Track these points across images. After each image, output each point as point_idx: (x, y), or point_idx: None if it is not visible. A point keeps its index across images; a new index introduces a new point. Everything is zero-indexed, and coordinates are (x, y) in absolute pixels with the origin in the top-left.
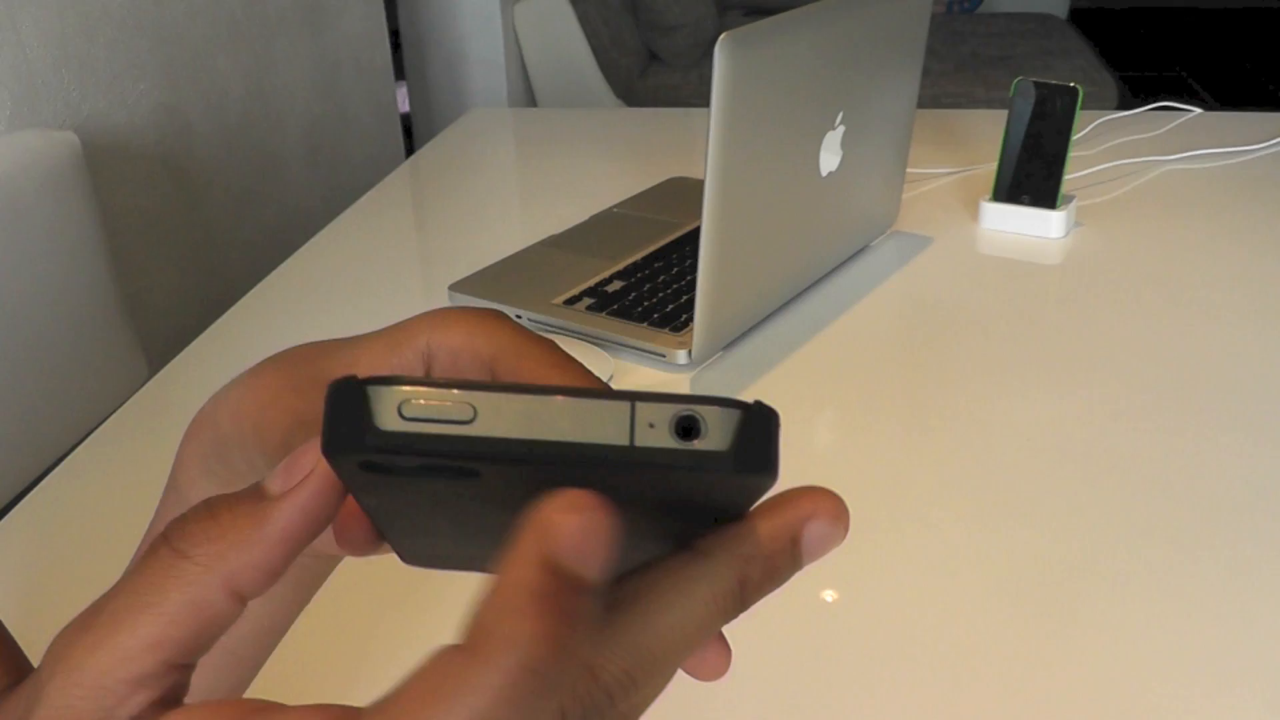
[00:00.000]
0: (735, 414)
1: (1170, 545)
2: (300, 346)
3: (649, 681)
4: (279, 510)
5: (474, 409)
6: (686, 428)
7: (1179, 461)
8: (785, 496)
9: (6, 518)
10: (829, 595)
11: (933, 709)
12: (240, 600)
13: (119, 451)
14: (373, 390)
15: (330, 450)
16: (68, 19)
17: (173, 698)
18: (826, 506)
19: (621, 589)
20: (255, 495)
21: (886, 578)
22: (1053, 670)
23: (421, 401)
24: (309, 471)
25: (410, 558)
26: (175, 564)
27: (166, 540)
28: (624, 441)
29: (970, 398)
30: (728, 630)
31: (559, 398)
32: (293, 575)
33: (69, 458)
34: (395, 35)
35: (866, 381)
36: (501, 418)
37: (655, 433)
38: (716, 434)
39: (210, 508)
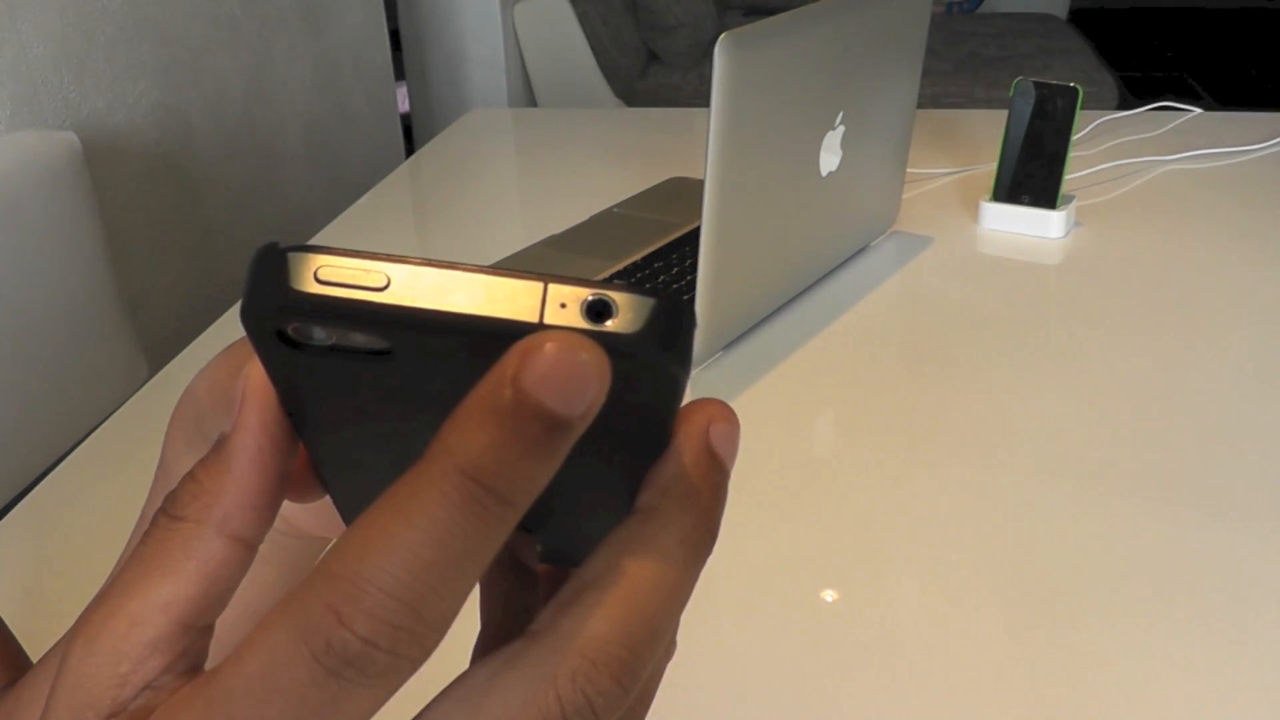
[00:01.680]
0: (649, 301)
1: (1169, 545)
2: None
3: (653, 653)
4: (234, 440)
5: (388, 278)
6: (598, 311)
7: (1178, 461)
8: (680, 420)
9: (6, 518)
10: (829, 595)
11: (933, 709)
12: (244, 544)
13: (119, 451)
14: (292, 256)
15: (246, 313)
16: (68, 19)
17: (190, 664)
18: (715, 410)
19: (590, 569)
20: (217, 443)
21: (886, 578)
22: (1052, 670)
23: (337, 268)
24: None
25: (352, 518)
26: (171, 527)
27: (162, 510)
28: (533, 319)
29: (970, 397)
30: (729, 627)
31: (473, 273)
32: (275, 556)
33: (69, 458)
34: (395, 35)
35: (866, 381)
36: (414, 288)
37: (565, 313)
38: (627, 318)
39: (190, 472)
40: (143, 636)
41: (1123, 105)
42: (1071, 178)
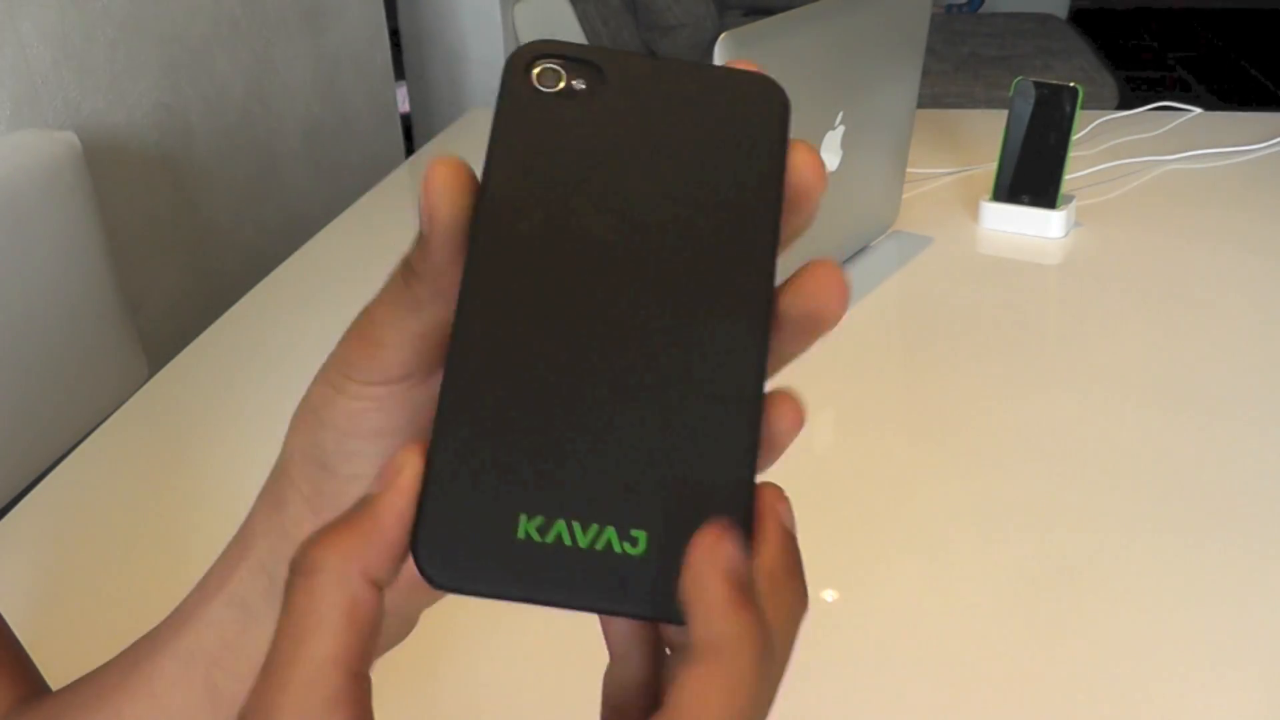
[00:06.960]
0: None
1: (1170, 543)
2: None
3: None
4: (386, 500)
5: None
6: None
7: (1178, 460)
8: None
9: (7, 518)
10: (829, 595)
11: (933, 709)
12: (378, 589)
13: (119, 451)
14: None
15: (517, 54)
16: (68, 19)
17: (368, 711)
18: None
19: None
20: (362, 501)
21: (886, 578)
22: (1053, 669)
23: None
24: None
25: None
26: (311, 583)
27: (295, 572)
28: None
29: (970, 397)
30: None
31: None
32: None
33: (69, 457)
34: (395, 35)
35: (866, 381)
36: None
37: None
38: None
39: (322, 530)
40: (321, 695)
41: (1123, 105)
42: (1071, 178)
